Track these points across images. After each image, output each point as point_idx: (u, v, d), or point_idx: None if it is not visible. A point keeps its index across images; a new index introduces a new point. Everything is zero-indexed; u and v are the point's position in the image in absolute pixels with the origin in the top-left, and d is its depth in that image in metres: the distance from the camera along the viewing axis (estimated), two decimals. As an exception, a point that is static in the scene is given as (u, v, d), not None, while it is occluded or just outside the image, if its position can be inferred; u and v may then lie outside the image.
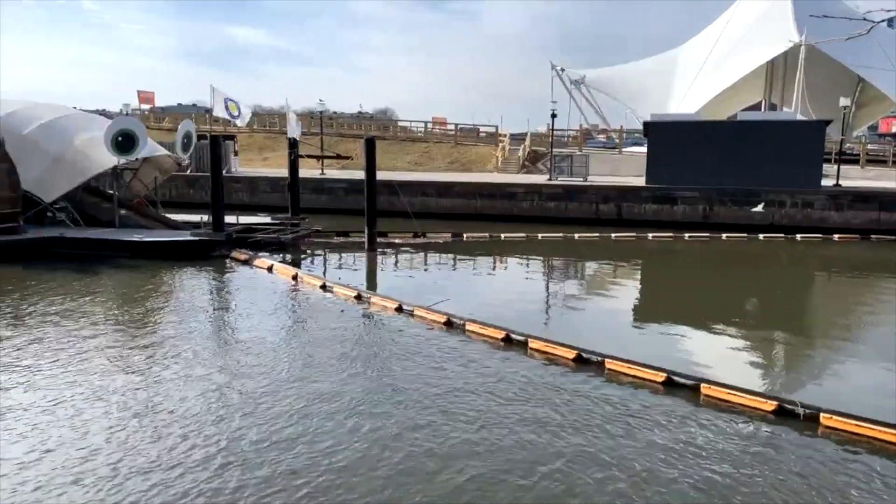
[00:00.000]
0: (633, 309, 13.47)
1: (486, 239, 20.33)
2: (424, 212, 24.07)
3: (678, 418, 7.10)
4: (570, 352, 8.89)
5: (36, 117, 18.05)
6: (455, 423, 6.82)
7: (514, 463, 6.03)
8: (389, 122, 57.93)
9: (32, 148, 17.12)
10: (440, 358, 8.95)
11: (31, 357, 8.74)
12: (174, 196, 26.63)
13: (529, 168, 36.05)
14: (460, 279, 15.82)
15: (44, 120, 18.02)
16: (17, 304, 11.60)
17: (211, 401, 7.34)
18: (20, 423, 6.72)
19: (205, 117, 43.32)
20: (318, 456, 6.09)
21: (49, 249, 16.27)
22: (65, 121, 18.61)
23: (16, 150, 16.65)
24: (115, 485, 5.56)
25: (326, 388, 7.75)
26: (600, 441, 6.50)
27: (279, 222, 20.10)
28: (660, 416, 7.14)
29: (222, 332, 10.52)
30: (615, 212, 24.51)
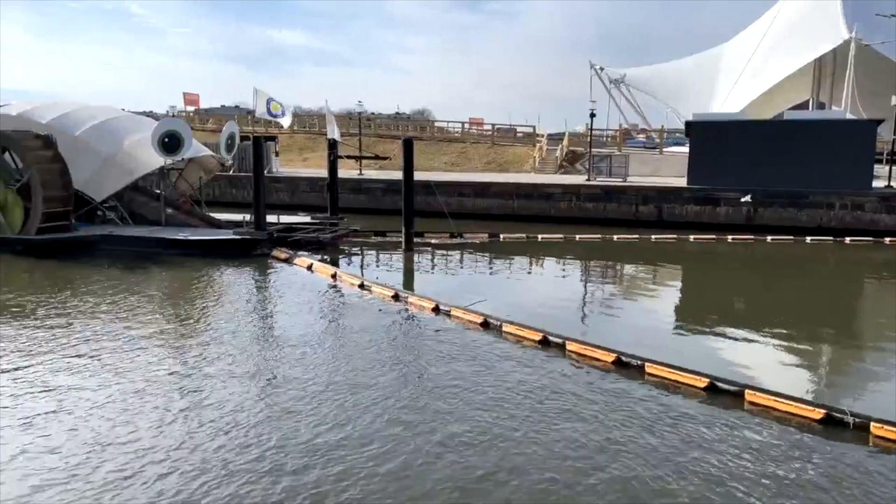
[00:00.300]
0: (674, 312, 13.24)
1: (522, 240, 20.25)
2: (461, 212, 24.13)
3: (722, 425, 6.96)
4: (609, 355, 8.80)
5: (87, 119, 18.73)
6: (497, 426, 6.81)
7: (559, 469, 6.00)
8: (426, 123, 58.18)
9: (84, 149, 17.78)
10: (477, 359, 8.96)
11: (81, 352, 9.09)
12: (217, 196, 27.31)
13: (567, 168, 35.73)
14: (497, 280, 15.79)
15: (95, 122, 18.67)
16: (68, 300, 12.07)
17: (256, 399, 7.49)
18: (71, 417, 6.98)
19: (247, 118, 44.26)
20: (362, 457, 6.12)
21: (99, 246, 16.89)
22: (115, 122, 19.26)
23: (68, 150, 17.35)
24: (167, 483, 5.72)
25: (367, 388, 7.83)
26: (642, 447, 6.42)
27: (318, 222, 20.40)
28: (702, 422, 7.01)
29: (264, 330, 10.74)
30: (655, 213, 24.10)
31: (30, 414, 6.95)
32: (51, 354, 8.92)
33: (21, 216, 16.68)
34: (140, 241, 17.02)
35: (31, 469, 5.82)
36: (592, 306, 13.49)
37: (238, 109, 67.18)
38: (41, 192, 16.44)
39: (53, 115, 18.41)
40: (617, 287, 15.73)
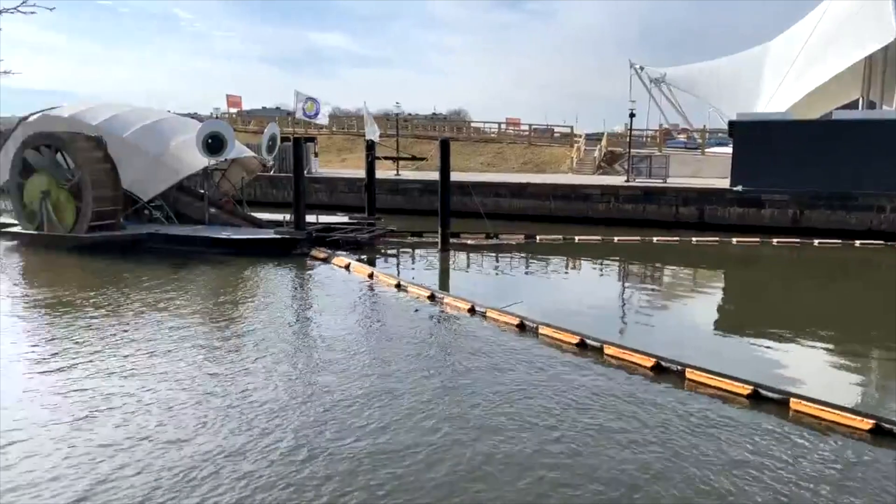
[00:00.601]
0: (715, 317, 12.94)
1: (559, 241, 20.09)
2: (497, 213, 24.07)
3: (765, 435, 6.79)
4: (649, 360, 8.66)
5: (136, 121, 19.33)
6: (532, 430, 6.77)
7: (594, 475, 5.94)
8: (463, 123, 58.21)
9: (132, 150, 18.36)
10: (514, 361, 8.93)
11: (128, 349, 9.40)
12: (258, 196, 27.85)
13: (605, 169, 35.31)
14: (533, 282, 15.71)
15: (143, 123, 19.26)
16: (116, 297, 12.49)
17: (298, 400, 7.53)
18: (118, 411, 7.21)
19: (287, 120, 45.03)
20: (408, 464, 6.11)
21: (145, 245, 17.43)
22: (162, 124, 19.83)
23: (117, 151, 17.95)
24: (207, 473, 5.89)
25: (403, 388, 7.88)
26: (682, 455, 6.30)
27: (356, 222, 20.63)
28: (745, 431, 6.85)
29: (304, 330, 10.93)
30: (696, 215, 23.60)
31: (80, 410, 7.18)
32: (99, 351, 9.24)
33: (73, 215, 17.33)
34: (185, 239, 17.50)
35: (81, 466, 6.00)
36: (631, 309, 13.29)
37: (279, 111, 68.45)
38: (91, 192, 17.06)
39: (103, 117, 19.06)
40: (656, 290, 15.47)
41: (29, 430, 6.66)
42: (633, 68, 40.12)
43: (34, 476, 5.79)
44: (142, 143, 18.61)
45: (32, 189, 17.66)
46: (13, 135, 19.66)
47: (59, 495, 5.51)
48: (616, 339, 9.60)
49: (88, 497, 5.46)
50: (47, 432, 6.62)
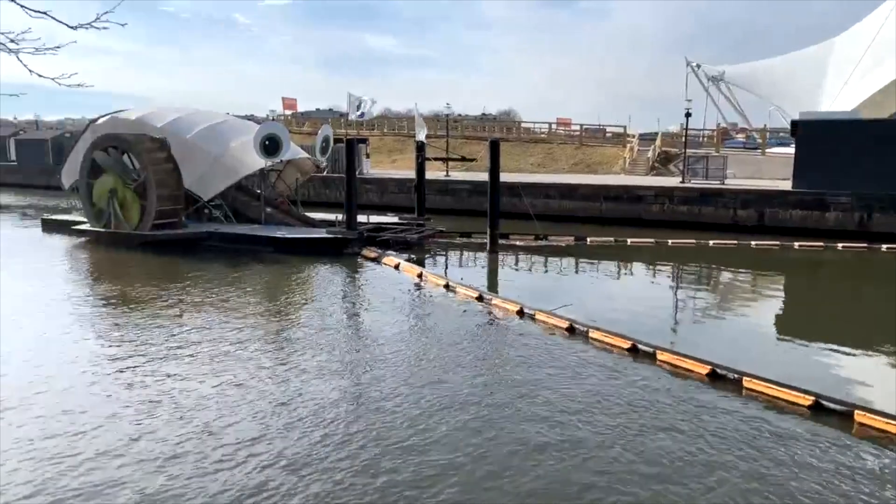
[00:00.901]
0: (775, 324, 12.46)
1: (610, 243, 19.74)
2: (546, 214, 23.86)
3: (828, 447, 6.51)
4: (704, 367, 8.42)
5: (197, 123, 20.07)
6: (587, 437, 6.69)
7: (650, 485, 5.84)
8: (512, 124, 57.94)
9: (194, 151, 19.06)
10: (563, 365, 8.84)
11: (187, 344, 9.77)
12: (312, 196, 28.46)
13: (659, 170, 34.49)
14: (583, 284, 15.50)
15: (204, 125, 19.98)
16: (178, 293, 13.00)
17: (349, 397, 7.67)
18: (178, 407, 7.50)
19: (340, 121, 45.84)
20: (456, 462, 6.15)
21: (205, 243, 18.08)
22: (222, 126, 20.53)
23: (180, 152, 18.68)
24: (270, 474, 6.04)
25: (454, 391, 7.91)
26: (740, 468, 6.11)
27: (406, 222, 20.83)
28: (806, 443, 6.58)
29: (355, 327, 11.12)
30: (756, 218, 22.78)
31: (140, 402, 7.50)
32: (161, 347, 9.64)
33: (138, 214, 18.14)
34: (242, 238, 18.07)
35: (143, 456, 6.25)
36: (685, 315, 12.95)
37: (332, 112, 69.75)
38: (155, 192, 17.81)
39: (167, 119, 19.86)
40: (712, 295, 15.02)
41: (95, 422, 7.01)
42: (689, 66, 39.05)
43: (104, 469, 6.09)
44: (203, 145, 19.29)
45: (101, 189, 18.57)
46: (83, 137, 20.72)
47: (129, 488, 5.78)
48: (669, 345, 9.38)
49: (156, 492, 5.71)
50: (113, 424, 6.95)
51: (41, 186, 39.09)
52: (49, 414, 7.12)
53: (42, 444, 6.45)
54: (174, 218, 18.49)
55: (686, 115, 29.35)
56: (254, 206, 19.93)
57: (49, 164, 41.23)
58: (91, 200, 18.88)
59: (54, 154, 41.66)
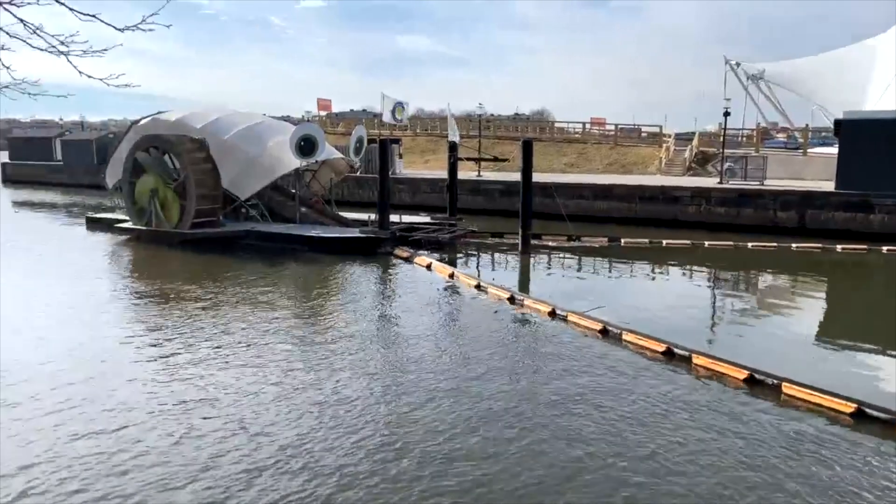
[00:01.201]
0: (815, 329, 12.11)
1: (645, 245, 19.46)
2: (579, 214, 23.62)
3: (872, 456, 6.31)
4: (741, 372, 8.25)
5: (235, 124, 20.48)
6: (621, 443, 6.61)
7: (689, 495, 5.75)
8: (545, 124, 57.55)
9: (232, 151, 19.46)
10: (596, 368, 8.76)
11: (224, 342, 9.98)
12: (345, 195, 28.75)
13: (696, 170, 33.82)
14: (616, 286, 15.32)
15: (241, 127, 20.37)
16: (215, 290, 13.29)
17: (384, 400, 7.64)
18: (217, 403, 7.67)
19: (373, 122, 46.20)
20: (495, 470, 6.09)
21: (242, 241, 18.44)
22: (259, 127, 20.91)
23: (218, 153, 19.09)
24: (310, 474, 6.13)
25: (487, 392, 7.90)
26: (779, 476, 5.97)
27: (438, 222, 20.89)
28: (848, 452, 6.40)
29: (387, 326, 11.20)
30: (796, 219, 22.17)
31: (177, 400, 7.66)
32: (198, 344, 9.88)
33: (178, 212, 18.60)
34: (278, 237, 18.38)
35: (177, 454, 6.40)
36: (721, 318, 12.70)
37: (365, 113, 70.34)
38: (195, 191, 18.24)
39: (206, 120, 20.31)
40: (750, 298, 14.68)
41: (132, 416, 7.23)
42: (728, 64, 38.17)
43: (141, 460, 6.28)
44: (241, 145, 19.67)
45: (142, 188, 19.10)
46: (126, 137, 21.33)
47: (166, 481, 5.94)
48: (705, 348, 9.21)
49: (185, 483, 5.86)
50: (151, 419, 7.16)
51: (86, 185, 40.37)
52: (90, 410, 7.36)
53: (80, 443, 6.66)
54: (212, 217, 18.91)
55: (724, 115, 28.72)
56: (289, 206, 20.25)
57: (93, 163, 42.52)
58: (133, 199, 19.43)
59: (98, 154, 42.93)
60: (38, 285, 13.85)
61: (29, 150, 52.08)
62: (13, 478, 5.82)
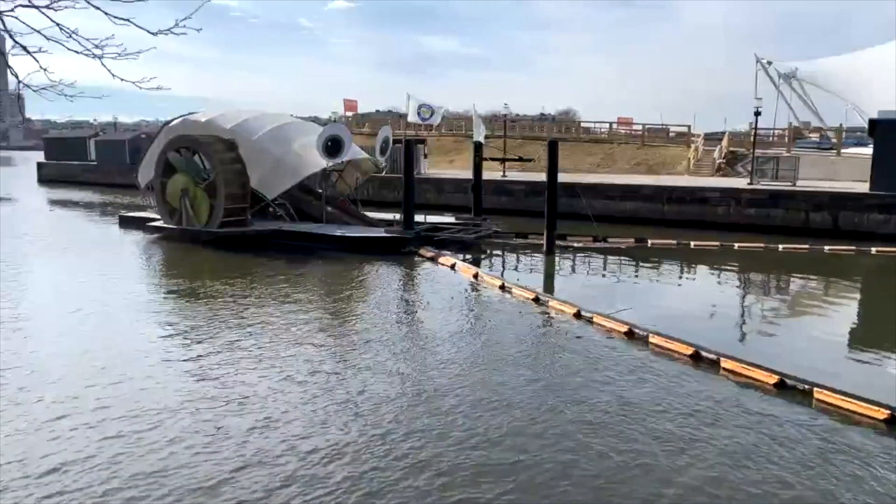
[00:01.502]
0: (848, 333, 11.82)
1: (672, 246, 19.20)
2: (606, 215, 23.43)
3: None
4: (771, 376, 8.10)
5: (263, 125, 20.74)
6: (647, 447, 6.56)
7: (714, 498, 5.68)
8: (571, 123, 57.15)
9: (260, 152, 19.71)
10: (622, 370, 8.69)
11: (251, 341, 10.12)
12: (371, 195, 28.91)
13: (726, 171, 33.27)
14: (643, 288, 15.15)
15: (269, 127, 20.63)
16: (243, 289, 13.49)
17: (412, 402, 7.61)
18: (246, 400, 7.79)
19: (399, 122, 46.39)
20: (532, 480, 6.03)
21: (269, 240, 18.69)
22: (286, 128, 21.15)
23: (247, 153, 19.36)
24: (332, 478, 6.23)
25: (511, 395, 7.89)
26: (809, 483, 5.86)
27: (462, 222, 20.90)
28: (881, 459, 6.24)
29: (411, 327, 11.26)
30: (830, 221, 21.68)
31: (202, 397, 7.79)
32: (226, 343, 10.04)
33: (207, 211, 18.92)
34: (305, 236, 18.59)
35: (204, 452, 6.46)
36: (751, 321, 12.48)
37: (391, 114, 70.61)
38: (224, 190, 18.54)
39: (235, 121, 20.61)
40: (780, 301, 14.40)
41: (161, 416, 7.38)
42: (759, 63, 37.49)
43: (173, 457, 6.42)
44: (269, 146, 19.92)
45: (174, 187, 19.47)
46: (157, 138, 21.76)
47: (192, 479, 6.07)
48: (733, 352, 9.06)
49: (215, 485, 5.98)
50: (178, 418, 7.30)
51: (119, 185, 41.29)
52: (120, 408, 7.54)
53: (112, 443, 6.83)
54: (241, 216, 19.19)
55: (755, 114, 28.22)
56: (315, 206, 20.45)
57: (126, 163, 43.50)
58: (164, 198, 19.82)
59: (131, 154, 43.91)
60: (72, 282, 14.22)
61: (64, 150, 53.51)
62: (50, 475, 5.97)
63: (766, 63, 37.81)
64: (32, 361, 8.81)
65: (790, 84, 38.09)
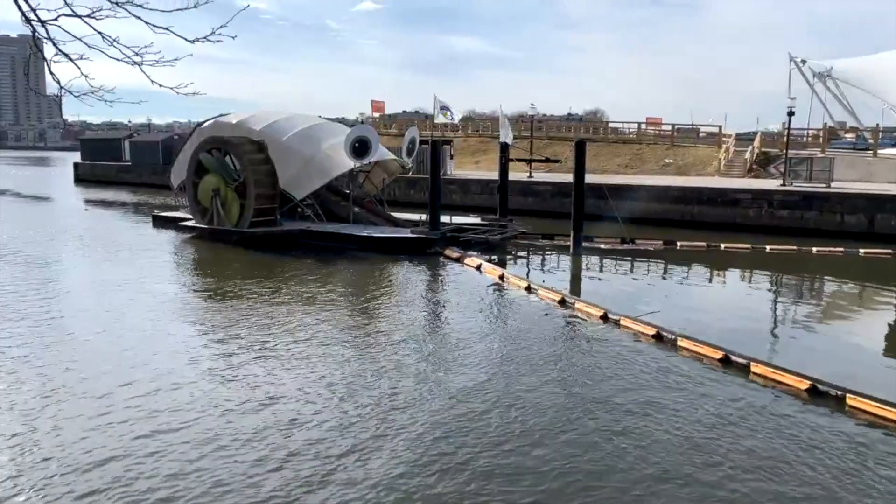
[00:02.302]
0: (884, 339, 11.52)
1: (702, 248, 18.92)
2: (633, 216, 23.17)
3: (944, 476, 5.99)
4: (803, 382, 7.95)
5: (292, 126, 21.01)
6: (673, 453, 6.50)
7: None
8: (599, 124, 56.66)
9: (288, 152, 19.98)
10: (649, 374, 8.61)
11: (278, 338, 10.28)
12: (398, 196, 29.09)
13: (758, 172, 32.64)
14: (671, 290, 14.96)
15: (298, 129, 20.89)
16: (271, 288, 13.70)
17: (440, 406, 7.58)
18: (275, 400, 7.91)
19: (425, 123, 46.54)
20: (530, 472, 6.14)
21: (297, 240, 18.94)
22: (315, 129, 21.39)
23: (276, 154, 19.65)
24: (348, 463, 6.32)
25: (528, 395, 7.88)
26: (843, 493, 5.75)
27: (488, 223, 20.90)
28: (918, 469, 6.09)
29: (437, 328, 11.31)
30: (866, 224, 21.14)
31: (227, 398, 7.90)
32: (253, 342, 10.21)
33: (238, 211, 19.25)
34: (332, 236, 18.80)
35: (234, 453, 6.58)
36: (783, 326, 12.25)
37: (417, 114, 70.93)
38: (254, 191, 18.85)
39: (265, 123, 20.92)
40: (813, 305, 14.10)
41: (187, 416, 7.55)
42: (793, 61, 36.68)
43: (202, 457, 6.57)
44: (297, 147, 20.17)
45: (205, 188, 19.85)
46: (190, 139, 22.20)
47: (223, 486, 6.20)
48: (764, 357, 8.92)
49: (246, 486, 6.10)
50: (203, 416, 7.45)
51: (152, 185, 42.20)
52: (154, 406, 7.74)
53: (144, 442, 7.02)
54: (270, 216, 19.49)
55: (788, 114, 27.62)
56: (343, 206, 20.66)
57: (160, 164, 44.43)
58: (196, 199, 20.21)
59: (164, 155, 44.80)
60: (106, 281, 14.59)
61: (99, 150, 54.86)
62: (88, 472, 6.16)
63: (801, 62, 36.97)
64: (68, 358, 9.08)
65: (825, 83, 37.17)
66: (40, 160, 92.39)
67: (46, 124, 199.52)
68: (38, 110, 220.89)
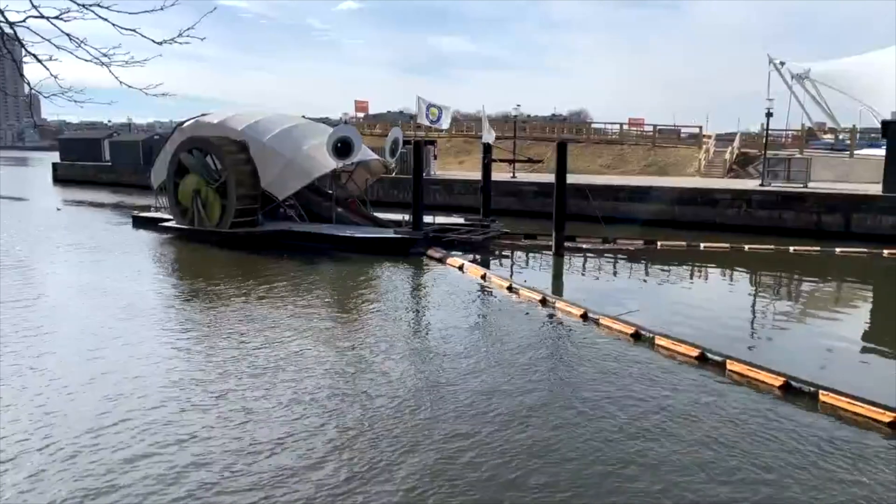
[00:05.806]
0: (857, 337, 11.73)
1: (682, 248, 19.13)
2: (615, 217, 23.32)
3: (910, 469, 6.13)
4: (777, 378, 8.09)
5: (274, 127, 20.88)
6: (649, 447, 6.60)
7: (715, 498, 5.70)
8: (583, 125, 56.99)
9: (270, 153, 19.85)
10: (626, 372, 8.71)
11: (258, 337, 10.25)
12: (381, 196, 29.00)
13: (737, 172, 33.04)
14: (651, 290, 15.12)
15: (280, 129, 20.76)
16: (253, 288, 13.62)
17: (410, 397, 7.82)
18: (255, 397, 7.91)
19: (409, 123, 46.50)
20: (486, 462, 6.24)
21: (279, 240, 18.83)
22: (296, 129, 21.27)
23: (257, 154, 19.53)
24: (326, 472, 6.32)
25: (507, 390, 7.98)
26: (811, 486, 5.86)
27: (471, 223, 20.93)
28: (884, 462, 6.23)
29: (418, 327, 11.33)
30: (842, 223, 21.48)
31: (200, 400, 7.93)
32: (235, 341, 10.17)
33: (219, 211, 19.11)
34: (314, 236, 18.72)
35: (213, 449, 6.65)
36: (759, 324, 12.43)
37: (401, 115, 70.77)
38: (235, 191, 18.72)
39: (246, 122, 20.77)
40: (789, 304, 14.33)
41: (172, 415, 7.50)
42: (772, 63, 37.21)
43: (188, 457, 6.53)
44: (279, 147, 20.06)
45: (186, 188, 19.68)
46: (171, 139, 21.99)
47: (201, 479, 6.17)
48: (740, 354, 9.05)
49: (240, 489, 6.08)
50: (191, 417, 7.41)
51: (132, 185, 41.69)
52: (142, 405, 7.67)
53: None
54: (252, 216, 19.37)
55: (767, 115, 27.98)
56: (325, 206, 20.58)
57: (140, 164, 43.90)
58: (177, 199, 20.03)
59: (145, 155, 44.27)
60: (86, 282, 14.41)
61: (79, 150, 54.11)
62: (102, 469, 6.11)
63: (780, 63, 37.54)
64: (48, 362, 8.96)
65: (803, 85, 37.78)
66: (19, 160, 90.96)
67: (24, 124, 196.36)
68: (17, 110, 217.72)
